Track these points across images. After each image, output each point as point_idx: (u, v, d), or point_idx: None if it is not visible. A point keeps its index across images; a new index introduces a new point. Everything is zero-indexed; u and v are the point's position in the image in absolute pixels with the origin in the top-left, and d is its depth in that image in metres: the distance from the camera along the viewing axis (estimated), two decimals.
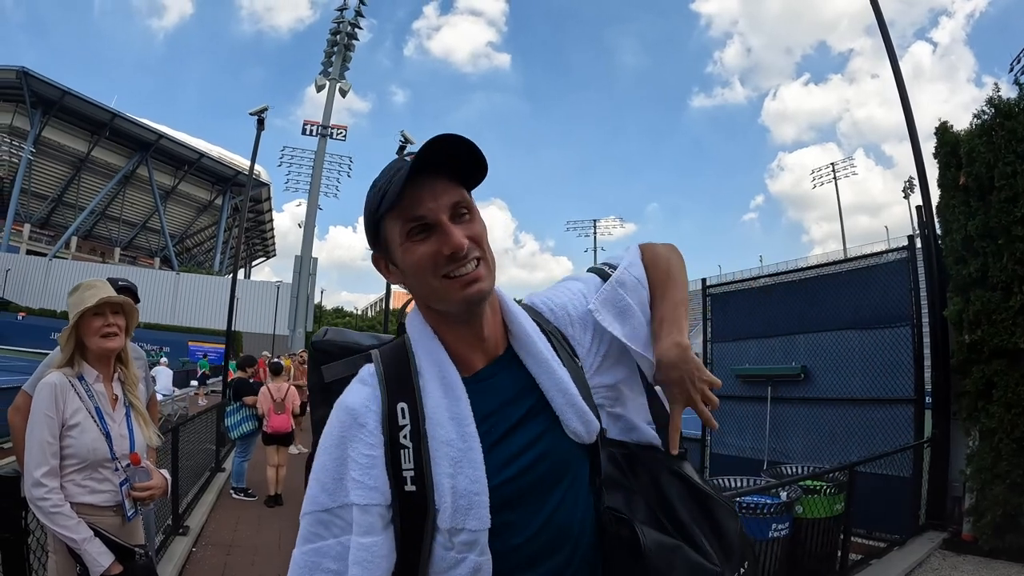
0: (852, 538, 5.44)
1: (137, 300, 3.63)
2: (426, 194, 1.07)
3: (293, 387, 8.93)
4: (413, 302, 1.22)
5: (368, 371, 1.16)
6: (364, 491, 1.05)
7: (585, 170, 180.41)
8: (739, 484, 5.24)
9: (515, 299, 1.26)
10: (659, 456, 1.26)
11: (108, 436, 2.60)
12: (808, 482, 5.11)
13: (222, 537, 6.69)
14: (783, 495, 4.73)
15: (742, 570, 1.17)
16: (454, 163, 1.08)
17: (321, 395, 1.25)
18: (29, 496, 2.41)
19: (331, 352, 1.28)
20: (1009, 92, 6.44)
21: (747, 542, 1.21)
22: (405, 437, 1.07)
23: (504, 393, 1.15)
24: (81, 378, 2.63)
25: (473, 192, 1.14)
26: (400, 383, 1.12)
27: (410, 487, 1.05)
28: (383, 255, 1.17)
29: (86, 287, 2.70)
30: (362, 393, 1.12)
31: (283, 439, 8.44)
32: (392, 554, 1.06)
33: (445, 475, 1.05)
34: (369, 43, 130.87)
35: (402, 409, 1.09)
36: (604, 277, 1.35)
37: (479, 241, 1.10)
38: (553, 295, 1.31)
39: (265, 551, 6.31)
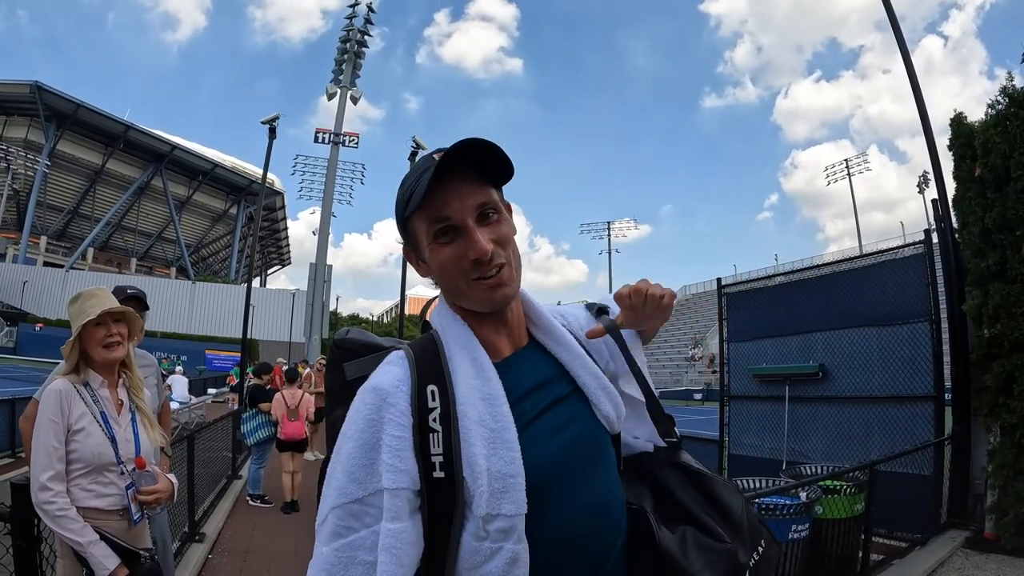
0: (873, 538, 5.37)
1: (146, 307, 3.65)
2: (452, 195, 1.06)
3: (307, 394, 8.94)
4: (437, 300, 1.22)
5: (398, 355, 1.13)
6: (394, 474, 0.99)
7: (598, 172, 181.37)
8: (758, 485, 5.19)
9: None
10: (655, 455, 1.26)
11: (113, 440, 2.61)
12: (828, 482, 5.04)
13: (238, 544, 6.68)
14: (803, 496, 4.67)
15: (760, 549, 1.14)
16: (481, 164, 1.08)
17: (341, 394, 1.19)
18: (35, 500, 2.42)
19: (354, 349, 1.25)
20: (1022, 82, 6.36)
21: (758, 520, 1.19)
22: (435, 420, 1.03)
23: (535, 377, 1.14)
24: (87, 384, 2.65)
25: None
26: (430, 368, 1.08)
27: (439, 473, 1.01)
28: (412, 250, 1.18)
29: (87, 296, 2.71)
30: (391, 374, 1.08)
31: (297, 446, 8.45)
32: (420, 542, 1.01)
33: (480, 456, 1.01)
34: (382, 51, 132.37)
35: (432, 392, 1.05)
36: (591, 309, 1.38)
37: (505, 243, 1.10)
38: (556, 309, 1.33)
39: (281, 558, 6.30)
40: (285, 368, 12.29)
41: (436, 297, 1.23)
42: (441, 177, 1.04)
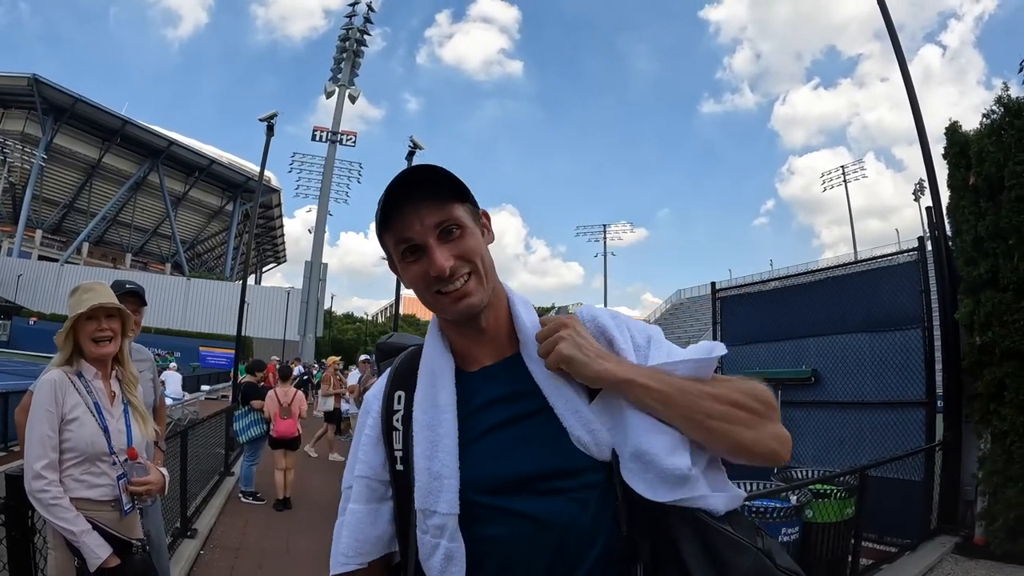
0: (863, 543, 5.40)
1: (144, 303, 3.65)
2: (412, 217, 1.12)
3: (300, 392, 8.92)
4: None
5: (391, 368, 1.30)
6: (361, 465, 1.22)
7: (596, 175, 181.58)
8: (748, 488, 5.21)
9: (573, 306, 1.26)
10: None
11: (106, 430, 2.63)
12: (818, 486, 5.07)
13: (230, 540, 6.68)
14: (793, 499, 4.70)
15: None
16: (435, 185, 1.12)
17: None
18: (28, 489, 2.44)
19: (387, 352, 1.47)
20: (1018, 92, 6.40)
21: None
22: (398, 421, 1.19)
23: (501, 389, 1.16)
24: (80, 375, 2.67)
25: (483, 200, 1.20)
26: (405, 376, 1.24)
27: (399, 467, 1.17)
28: (393, 265, 1.23)
29: (84, 290, 2.73)
30: (377, 386, 1.29)
31: (289, 444, 8.43)
32: (379, 526, 1.19)
33: (423, 456, 1.12)
34: (382, 51, 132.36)
35: (398, 397, 1.22)
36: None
37: (469, 256, 1.13)
38: (605, 312, 1.23)
39: (273, 554, 6.31)
40: (278, 366, 12.28)
41: None
42: (399, 201, 1.11)
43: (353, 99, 52.34)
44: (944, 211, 7.00)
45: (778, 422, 1.08)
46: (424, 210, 1.11)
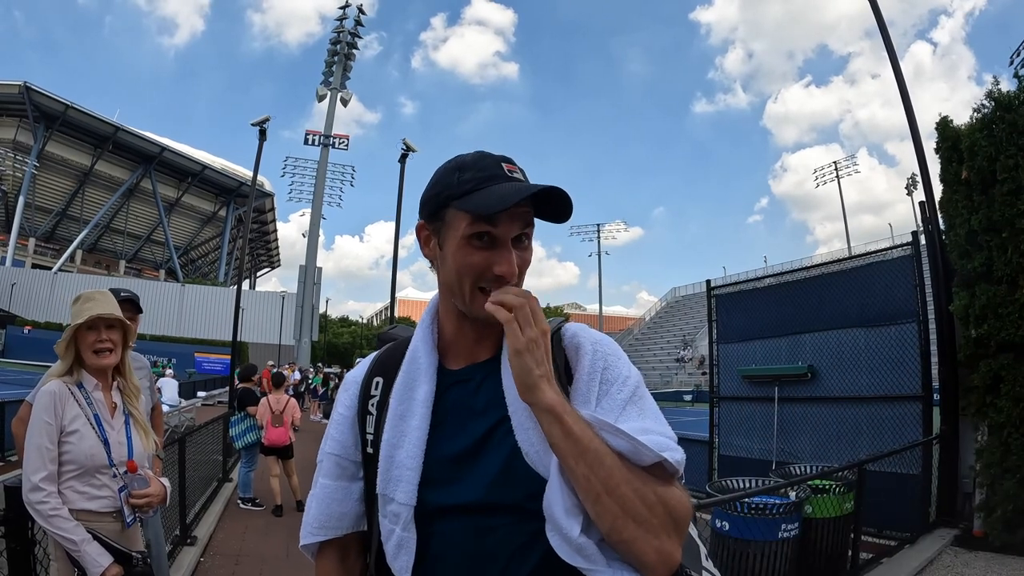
0: (863, 537, 5.41)
1: (140, 310, 3.64)
2: (505, 212, 1.08)
3: (293, 400, 8.86)
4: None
5: (373, 354, 1.35)
6: (332, 442, 1.27)
7: (591, 176, 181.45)
8: (747, 485, 5.22)
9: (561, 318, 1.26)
10: None
11: (106, 443, 2.59)
12: (817, 482, 5.08)
13: (230, 547, 6.66)
14: (792, 495, 4.70)
15: None
16: (547, 202, 1.12)
17: None
18: (27, 500, 2.41)
19: (387, 342, 1.43)
20: (1009, 86, 6.43)
21: None
22: (372, 406, 1.23)
23: (473, 395, 1.17)
24: (80, 386, 2.64)
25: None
26: (386, 364, 1.27)
27: (369, 449, 1.20)
28: (432, 230, 1.18)
29: (85, 299, 2.70)
30: (358, 369, 1.33)
31: (281, 452, 8.41)
32: (344, 503, 1.25)
33: (389, 444, 1.15)
34: (378, 56, 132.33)
35: (376, 383, 1.25)
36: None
37: (522, 269, 1.14)
38: (592, 336, 1.21)
39: (273, 560, 6.29)
40: (273, 371, 12.21)
41: None
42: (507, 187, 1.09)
43: (345, 102, 52.22)
44: (937, 205, 7.02)
45: (675, 543, 0.99)
46: (518, 211, 1.09)
